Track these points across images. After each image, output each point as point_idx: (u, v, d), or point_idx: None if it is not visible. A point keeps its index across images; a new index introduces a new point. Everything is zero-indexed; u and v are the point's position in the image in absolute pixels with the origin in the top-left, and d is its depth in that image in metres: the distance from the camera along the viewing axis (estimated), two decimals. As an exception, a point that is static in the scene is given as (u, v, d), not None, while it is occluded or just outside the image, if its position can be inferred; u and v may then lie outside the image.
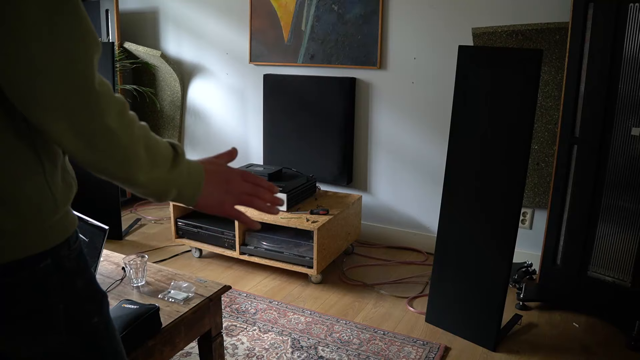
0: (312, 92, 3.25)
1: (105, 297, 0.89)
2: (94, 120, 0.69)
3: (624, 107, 2.18)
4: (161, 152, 0.77)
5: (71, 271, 0.81)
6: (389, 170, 3.22)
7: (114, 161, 0.72)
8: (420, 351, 2.12)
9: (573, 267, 2.41)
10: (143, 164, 0.74)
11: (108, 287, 1.72)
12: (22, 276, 0.75)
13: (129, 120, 0.74)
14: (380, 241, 3.30)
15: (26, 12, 0.63)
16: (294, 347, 2.14)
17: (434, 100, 2.98)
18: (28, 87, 0.66)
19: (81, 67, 0.68)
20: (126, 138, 0.72)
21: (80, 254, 0.84)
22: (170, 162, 0.78)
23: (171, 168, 0.78)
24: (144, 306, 1.45)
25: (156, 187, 0.78)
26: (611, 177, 2.25)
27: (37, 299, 0.77)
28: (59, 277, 0.79)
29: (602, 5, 2.16)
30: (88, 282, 0.85)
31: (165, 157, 0.78)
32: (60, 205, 0.79)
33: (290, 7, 3.27)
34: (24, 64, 0.64)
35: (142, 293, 1.68)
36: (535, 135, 2.64)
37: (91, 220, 1.79)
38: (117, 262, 1.93)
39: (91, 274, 0.86)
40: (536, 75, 1.94)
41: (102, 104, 0.70)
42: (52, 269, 0.77)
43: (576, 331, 2.30)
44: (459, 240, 2.20)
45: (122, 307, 1.45)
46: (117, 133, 0.71)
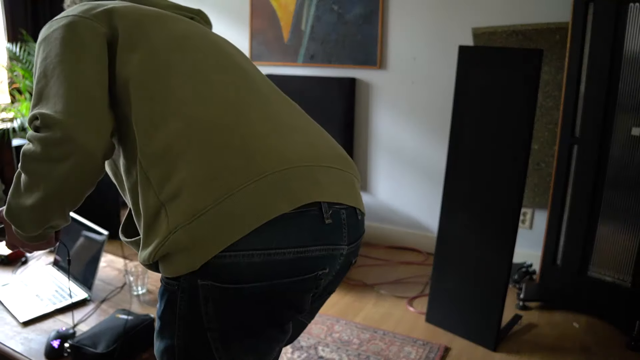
0: (312, 92, 3.25)
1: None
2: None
3: (624, 107, 2.18)
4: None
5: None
6: (389, 170, 3.22)
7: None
8: (420, 351, 2.12)
9: (573, 267, 2.41)
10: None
11: (108, 294, 1.70)
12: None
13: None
14: (380, 241, 3.30)
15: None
16: (294, 347, 2.14)
17: (434, 100, 2.98)
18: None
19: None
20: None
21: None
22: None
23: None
24: (139, 317, 1.42)
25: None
26: (611, 177, 2.25)
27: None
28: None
29: (602, 5, 2.16)
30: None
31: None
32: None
33: (290, 7, 3.27)
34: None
35: (142, 302, 1.66)
36: (535, 135, 2.64)
37: (91, 225, 1.78)
38: (119, 268, 1.92)
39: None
40: (536, 75, 1.94)
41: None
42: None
43: (576, 331, 2.30)
44: (459, 240, 2.20)
45: (115, 318, 1.42)
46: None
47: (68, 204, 0.89)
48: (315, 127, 0.98)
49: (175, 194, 0.78)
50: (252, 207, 0.77)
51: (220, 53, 0.95)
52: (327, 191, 0.85)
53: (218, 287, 0.78)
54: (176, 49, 0.90)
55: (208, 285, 0.78)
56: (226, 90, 0.88)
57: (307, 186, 0.82)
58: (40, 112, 0.81)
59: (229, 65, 0.94)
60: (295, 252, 0.80)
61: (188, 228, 0.76)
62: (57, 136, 0.80)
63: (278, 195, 0.79)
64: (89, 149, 0.81)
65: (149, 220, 0.81)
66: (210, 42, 0.97)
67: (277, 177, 0.80)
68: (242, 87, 0.91)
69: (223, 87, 0.89)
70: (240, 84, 0.92)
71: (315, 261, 0.84)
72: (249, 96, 0.90)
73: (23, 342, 1.41)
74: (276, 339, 0.88)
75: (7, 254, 1.92)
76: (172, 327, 0.84)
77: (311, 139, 0.91)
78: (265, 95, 0.94)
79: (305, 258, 0.82)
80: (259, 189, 0.78)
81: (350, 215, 0.90)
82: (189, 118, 0.83)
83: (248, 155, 0.80)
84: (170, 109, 0.84)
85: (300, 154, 0.85)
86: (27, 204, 0.86)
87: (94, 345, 1.32)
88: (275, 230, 0.78)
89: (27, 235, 0.94)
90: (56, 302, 1.61)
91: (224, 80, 0.90)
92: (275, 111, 0.91)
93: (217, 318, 0.81)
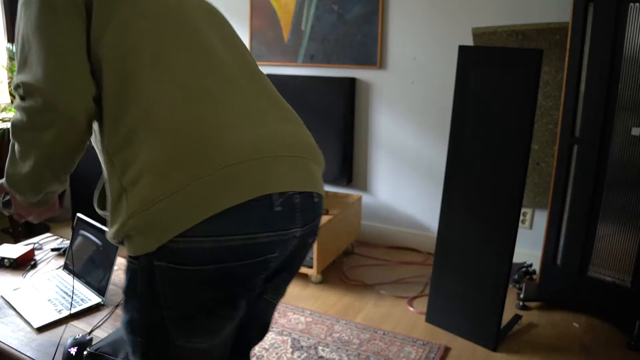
0: (312, 92, 3.25)
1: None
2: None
3: (624, 107, 2.18)
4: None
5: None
6: (389, 170, 3.22)
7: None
8: (420, 351, 2.12)
9: (573, 267, 2.41)
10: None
11: (120, 300, 1.66)
12: None
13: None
14: (380, 241, 3.30)
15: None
16: (294, 347, 2.14)
17: (434, 100, 2.98)
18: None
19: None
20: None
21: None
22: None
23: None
24: None
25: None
26: (611, 177, 2.25)
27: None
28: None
29: (602, 5, 2.16)
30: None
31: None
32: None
33: (290, 7, 3.27)
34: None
35: None
36: (535, 135, 2.64)
37: (104, 228, 1.77)
38: None
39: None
40: (536, 75, 1.94)
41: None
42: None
43: (576, 331, 2.30)
44: (459, 240, 2.20)
45: None
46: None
47: (60, 169, 0.93)
48: (279, 113, 0.99)
49: (135, 181, 0.83)
50: (203, 199, 0.82)
51: (194, 32, 0.94)
52: (278, 181, 0.89)
53: (173, 268, 0.84)
54: (147, 28, 0.89)
55: (163, 266, 0.83)
56: (190, 76, 0.89)
57: (258, 179, 0.86)
58: (22, 80, 0.84)
59: (199, 46, 0.94)
60: (244, 238, 0.85)
61: (144, 214, 0.81)
62: (39, 105, 0.83)
63: (229, 189, 0.83)
64: (70, 115, 0.85)
65: (114, 202, 0.86)
66: (184, 19, 0.95)
67: (229, 171, 0.83)
68: (209, 72, 0.92)
69: (188, 72, 0.90)
70: (207, 67, 0.92)
71: (263, 246, 0.88)
72: (214, 83, 0.91)
73: (39, 348, 1.39)
74: (228, 317, 0.94)
75: (17, 257, 1.89)
76: (133, 302, 0.89)
77: (272, 129, 0.93)
78: (232, 80, 0.94)
79: (254, 244, 0.87)
80: (211, 183, 0.82)
81: (305, 199, 0.94)
82: (150, 105, 0.85)
83: (204, 148, 0.84)
84: (132, 95, 0.86)
85: (256, 146, 0.88)
86: (22, 172, 0.91)
87: (114, 353, 1.30)
88: (226, 219, 0.82)
89: (29, 201, 0.99)
90: (69, 307, 1.59)
91: (190, 64, 0.90)
92: (239, 101, 0.92)
93: (172, 297, 0.86)
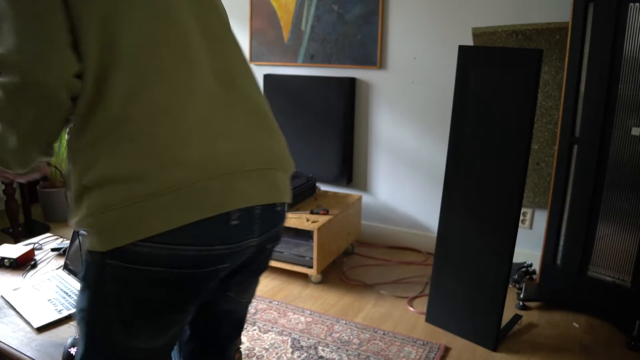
0: (312, 92, 3.25)
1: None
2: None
3: (624, 107, 2.18)
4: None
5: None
6: (389, 170, 3.22)
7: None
8: (420, 351, 2.12)
9: (573, 267, 2.41)
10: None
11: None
12: None
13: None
14: (380, 241, 3.30)
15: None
16: (294, 347, 2.14)
17: (434, 100, 2.98)
18: None
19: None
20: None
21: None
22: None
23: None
24: None
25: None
26: (611, 177, 2.25)
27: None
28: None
29: (602, 5, 2.16)
30: None
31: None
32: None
33: (290, 7, 3.27)
34: None
35: None
36: (535, 135, 2.64)
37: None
38: None
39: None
40: (536, 75, 1.94)
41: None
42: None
43: (576, 331, 2.30)
44: (459, 240, 2.20)
45: None
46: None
47: (45, 142, 0.91)
48: (252, 120, 0.97)
49: (94, 183, 0.83)
50: (159, 215, 0.82)
51: (173, 26, 0.90)
52: (237, 199, 0.89)
53: (124, 267, 0.84)
54: (128, 20, 0.84)
55: (115, 264, 0.84)
56: (163, 85, 0.86)
57: (216, 199, 0.86)
58: (1, 53, 0.81)
59: (177, 47, 0.89)
60: (198, 249, 0.86)
61: (100, 217, 0.82)
62: (17, 81, 0.80)
63: (186, 209, 0.83)
64: (50, 91, 0.82)
65: (75, 196, 0.87)
66: (166, 9, 0.89)
67: (190, 190, 0.83)
68: (182, 81, 0.88)
69: (161, 79, 0.86)
70: (181, 75, 0.88)
71: (216, 258, 0.89)
72: (185, 93, 0.87)
73: (39, 349, 1.39)
74: (174, 320, 0.94)
75: (17, 257, 1.89)
76: (86, 293, 0.90)
77: (240, 141, 0.92)
78: (206, 90, 0.90)
79: (207, 255, 0.88)
80: (170, 200, 0.82)
81: (266, 210, 0.95)
82: (118, 113, 0.83)
83: (166, 164, 0.83)
84: (103, 93, 0.83)
85: (220, 162, 0.87)
86: (7, 147, 0.89)
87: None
88: (181, 231, 0.83)
89: (17, 173, 0.99)
90: (70, 307, 1.58)
91: (165, 71, 0.87)
92: (209, 114, 0.89)
93: (119, 295, 0.87)
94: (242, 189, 0.89)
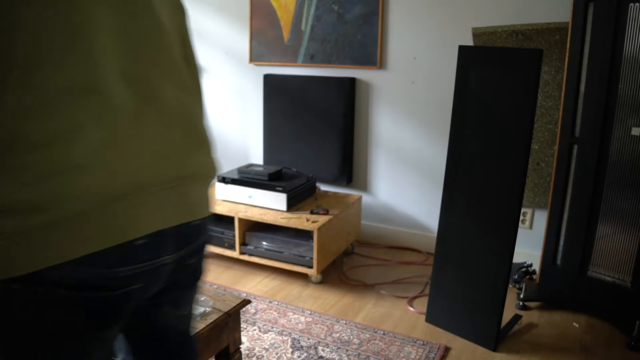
0: (312, 92, 3.25)
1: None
2: None
3: (624, 107, 2.18)
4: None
5: None
6: (389, 170, 3.22)
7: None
8: (420, 351, 2.12)
9: (573, 267, 2.41)
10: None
11: None
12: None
13: None
14: (380, 241, 3.30)
15: None
16: (294, 347, 2.14)
17: (434, 100, 2.98)
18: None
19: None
20: None
21: None
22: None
23: None
24: None
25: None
26: (611, 177, 2.25)
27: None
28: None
29: (602, 5, 2.16)
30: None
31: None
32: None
33: (290, 7, 3.27)
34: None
35: None
36: (535, 135, 2.64)
37: None
38: None
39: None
40: (536, 75, 1.94)
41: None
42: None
43: (576, 331, 2.30)
44: (459, 240, 2.20)
45: None
46: None
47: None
48: (164, 130, 0.87)
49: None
50: (54, 245, 0.74)
51: (81, 29, 0.78)
52: (141, 225, 0.82)
53: (26, 290, 0.76)
54: (28, 16, 0.72)
55: (16, 287, 0.76)
56: (59, 96, 0.75)
57: (117, 227, 0.79)
58: None
59: (81, 54, 0.77)
60: (103, 273, 0.80)
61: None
62: None
63: (83, 240, 0.76)
64: None
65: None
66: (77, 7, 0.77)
67: (89, 218, 0.76)
68: (83, 91, 0.77)
69: (58, 90, 0.75)
70: (82, 85, 0.76)
71: (123, 280, 0.83)
72: (83, 110, 0.76)
73: None
74: (94, 338, 0.87)
75: None
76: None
77: (143, 161, 0.83)
78: (107, 103, 0.79)
79: (112, 278, 0.81)
80: (68, 229, 0.75)
81: (179, 227, 0.89)
82: (13, 134, 0.73)
83: (62, 191, 0.74)
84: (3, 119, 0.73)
85: (122, 187, 0.80)
86: None
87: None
88: (83, 257, 0.76)
89: None
90: None
91: (63, 80, 0.75)
92: (108, 134, 0.79)
93: (16, 325, 0.80)
94: (146, 214, 0.82)
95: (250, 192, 2.91)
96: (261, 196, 2.87)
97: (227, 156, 3.80)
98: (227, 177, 2.99)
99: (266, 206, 2.87)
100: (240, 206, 2.92)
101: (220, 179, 3.00)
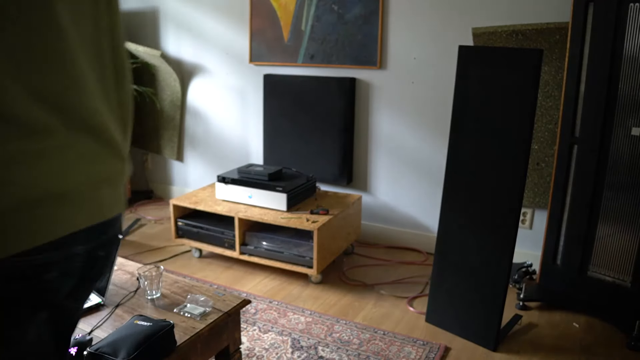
0: (312, 92, 3.25)
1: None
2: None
3: (624, 107, 2.18)
4: None
5: None
6: (389, 170, 3.22)
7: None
8: (420, 351, 2.12)
9: (573, 267, 2.41)
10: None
11: (122, 299, 1.66)
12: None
13: None
14: (380, 241, 3.31)
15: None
16: (294, 347, 2.14)
17: (434, 100, 2.98)
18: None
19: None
20: None
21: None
22: None
23: None
24: (158, 323, 1.40)
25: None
26: (611, 177, 2.25)
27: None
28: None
29: (602, 5, 2.16)
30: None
31: None
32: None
33: (290, 7, 3.27)
34: None
35: (156, 306, 1.63)
36: (535, 135, 2.64)
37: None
38: (131, 271, 1.87)
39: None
40: (536, 75, 1.94)
41: None
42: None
43: (576, 331, 2.30)
44: (459, 240, 2.20)
45: (134, 324, 1.39)
46: None
47: None
48: (77, 138, 0.84)
49: None
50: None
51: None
52: (49, 233, 0.80)
53: None
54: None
55: None
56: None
57: (27, 232, 0.77)
58: None
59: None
60: (13, 260, 0.77)
61: None
62: None
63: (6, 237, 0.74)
64: None
65: None
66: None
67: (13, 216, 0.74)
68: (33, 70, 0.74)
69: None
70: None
71: (37, 268, 0.81)
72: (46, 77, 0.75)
73: None
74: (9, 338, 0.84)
75: None
76: None
77: (65, 156, 0.81)
78: (15, 121, 0.76)
79: (25, 266, 0.79)
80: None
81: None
82: None
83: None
84: None
85: (37, 191, 0.78)
86: None
87: (114, 353, 1.29)
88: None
89: None
90: None
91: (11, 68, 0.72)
92: (15, 148, 0.76)
93: None
94: (58, 219, 0.81)
95: (250, 192, 2.91)
96: (261, 196, 2.88)
97: (227, 156, 3.80)
98: (227, 177, 2.99)
99: (266, 206, 2.87)
100: (240, 206, 2.92)
101: (221, 178, 3.00)
